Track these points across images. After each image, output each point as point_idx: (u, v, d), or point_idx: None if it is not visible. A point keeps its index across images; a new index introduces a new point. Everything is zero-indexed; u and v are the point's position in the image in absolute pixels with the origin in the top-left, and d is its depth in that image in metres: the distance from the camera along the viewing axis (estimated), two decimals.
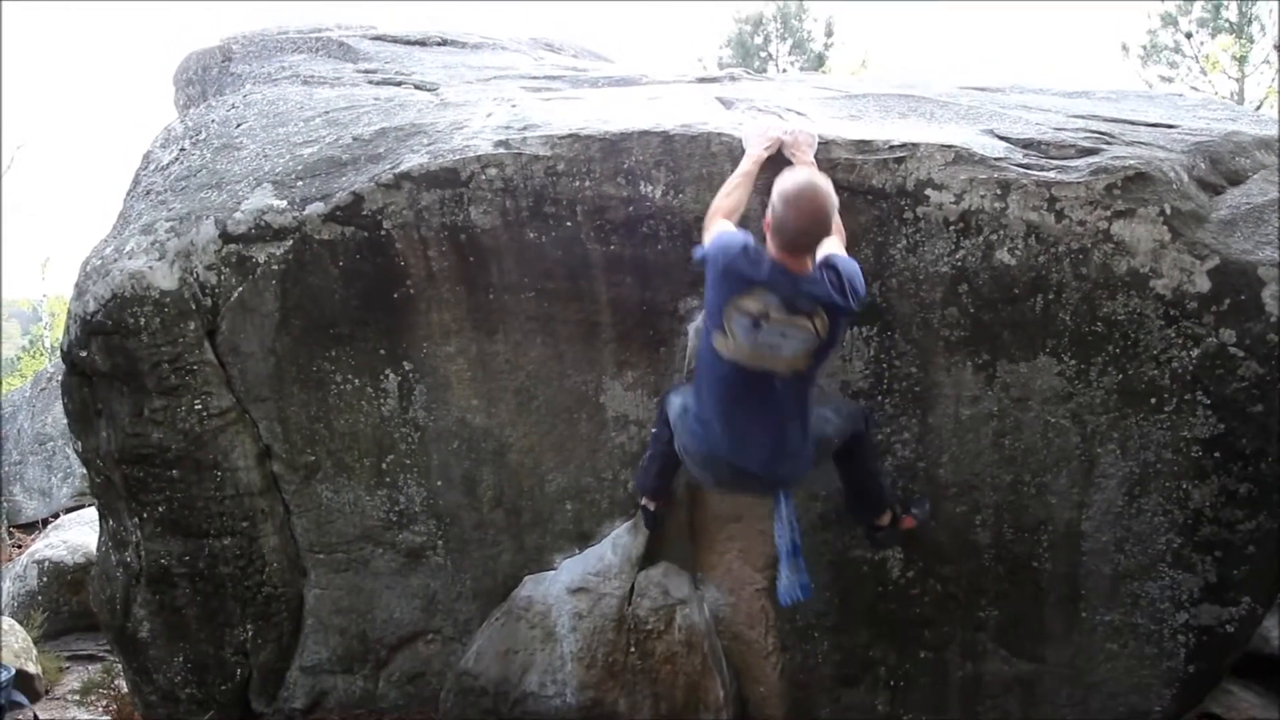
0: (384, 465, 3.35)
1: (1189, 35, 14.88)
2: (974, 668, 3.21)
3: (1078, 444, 2.96)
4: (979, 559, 3.13)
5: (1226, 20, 14.36)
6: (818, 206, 2.41)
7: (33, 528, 8.48)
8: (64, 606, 6.34)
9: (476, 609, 3.47)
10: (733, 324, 2.49)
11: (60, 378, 3.54)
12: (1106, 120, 3.21)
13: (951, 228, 2.86)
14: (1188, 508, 2.93)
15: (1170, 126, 3.17)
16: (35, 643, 5.49)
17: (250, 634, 3.52)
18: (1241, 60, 14.27)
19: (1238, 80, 14.67)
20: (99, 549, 3.78)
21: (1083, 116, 3.26)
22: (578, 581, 3.35)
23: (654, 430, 3.10)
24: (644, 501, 3.22)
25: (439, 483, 3.35)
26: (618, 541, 3.34)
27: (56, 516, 8.04)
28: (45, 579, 6.39)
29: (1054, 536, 3.05)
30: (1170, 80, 15.12)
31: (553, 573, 3.41)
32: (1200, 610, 3.01)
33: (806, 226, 2.41)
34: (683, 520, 3.32)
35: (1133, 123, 3.19)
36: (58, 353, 5.64)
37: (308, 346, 3.23)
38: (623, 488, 3.33)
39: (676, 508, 3.30)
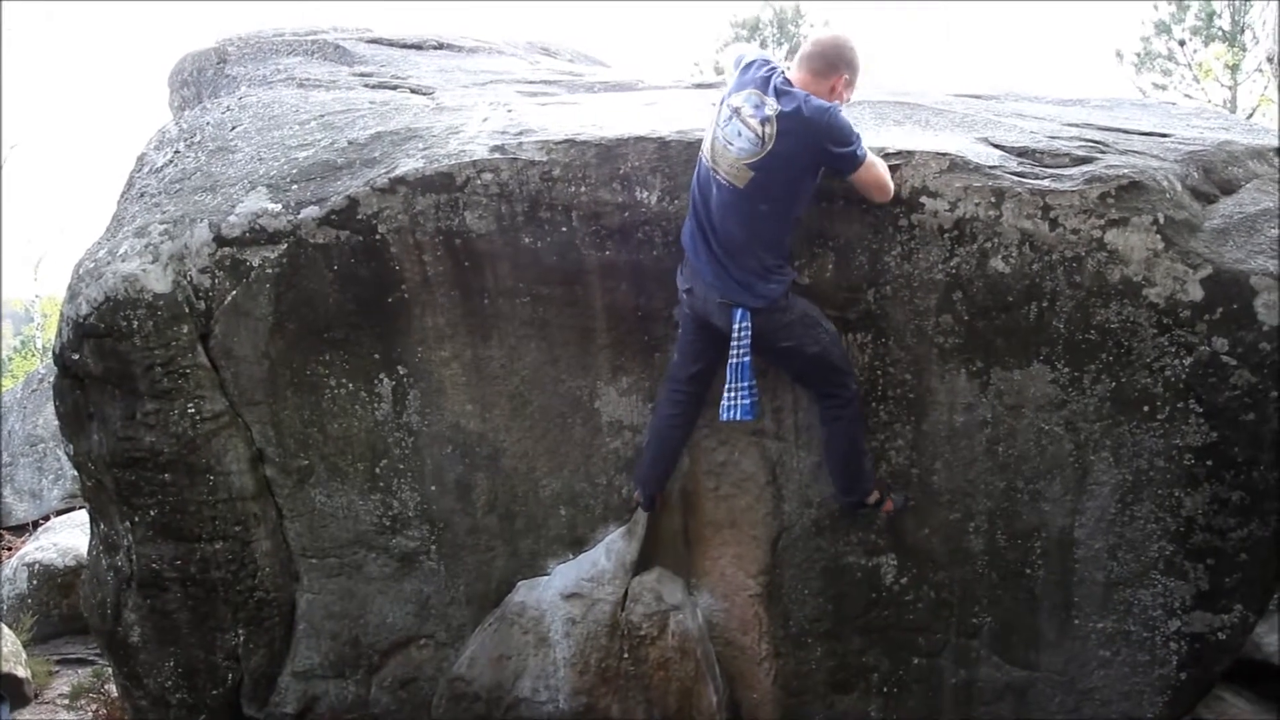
0: (377, 470, 3.34)
1: (1182, 43, 14.95)
2: (967, 674, 3.21)
3: (1071, 451, 2.97)
4: (972, 565, 3.14)
5: (1219, 29, 14.44)
6: (824, 41, 2.86)
7: (23, 530, 8.43)
8: (54, 610, 6.30)
9: (470, 614, 3.46)
10: (719, 115, 2.80)
11: (52, 379, 3.52)
12: (1100, 129, 3.22)
13: (946, 235, 2.87)
14: (1180, 515, 2.94)
15: (1164, 135, 3.18)
16: (25, 646, 5.46)
17: (242, 639, 3.50)
18: (1234, 68, 14.34)
19: (1230, 88, 14.74)
20: (90, 553, 3.76)
21: (1077, 125, 3.27)
22: (571, 587, 3.35)
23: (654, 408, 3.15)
24: (638, 495, 3.24)
25: (432, 487, 3.35)
26: (611, 547, 3.34)
27: (47, 519, 7.99)
28: (35, 582, 6.35)
29: (1047, 543, 3.06)
30: (1164, 88, 15.19)
31: (546, 578, 3.40)
32: (1192, 617, 3.02)
33: (809, 50, 2.83)
34: (677, 526, 3.32)
35: (1126, 131, 3.21)
36: (50, 354, 5.61)
37: (301, 350, 3.22)
38: (617, 493, 3.32)
39: (670, 513, 3.30)
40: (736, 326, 2.78)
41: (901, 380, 3.03)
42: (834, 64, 2.78)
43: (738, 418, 2.83)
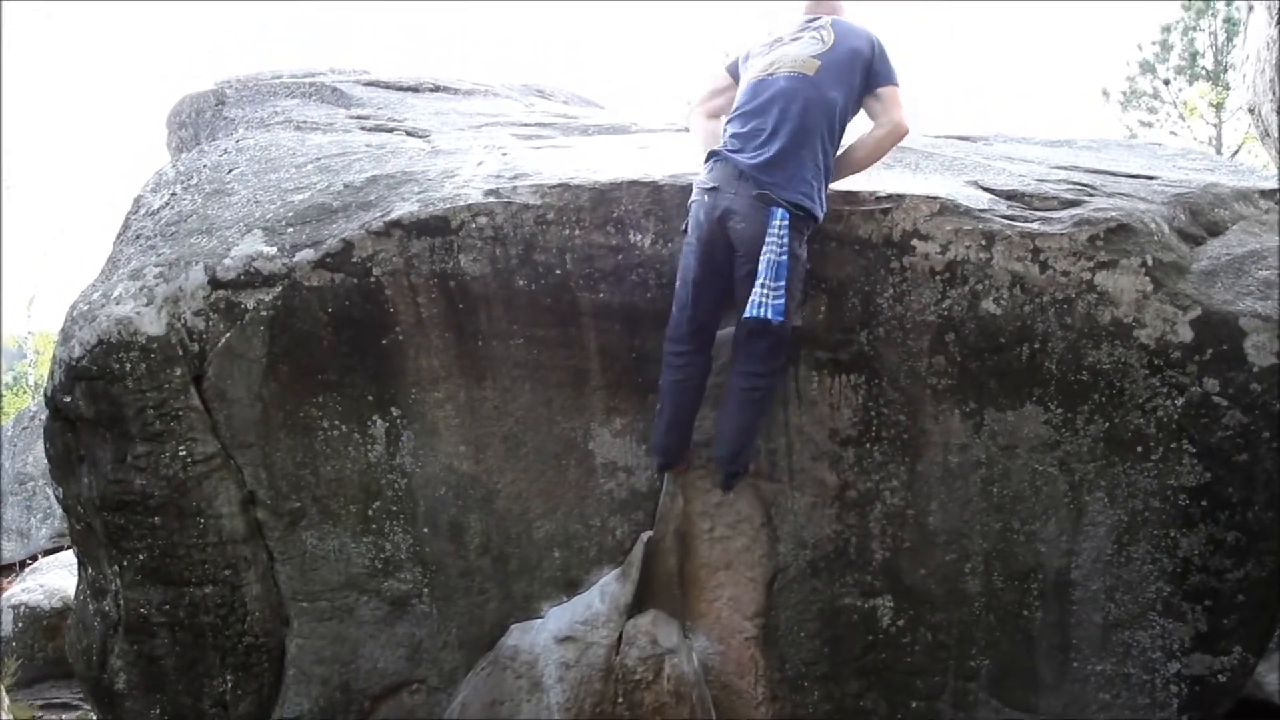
0: (370, 512, 3.31)
1: (1167, 82, 15.23)
2: (966, 717, 3.17)
3: (1066, 492, 2.97)
4: (969, 607, 3.12)
5: (1203, 68, 14.73)
6: None
7: (10, 570, 8.32)
8: (39, 653, 6.20)
9: (462, 658, 3.41)
10: (753, 55, 3.03)
11: (42, 417, 3.50)
12: (1088, 171, 3.27)
13: (938, 277, 2.90)
14: (1176, 556, 2.93)
15: (1150, 178, 3.23)
16: (8, 690, 5.36)
17: (230, 685, 3.44)
18: (1219, 106, 14.60)
19: (1216, 125, 15.00)
20: (77, 597, 3.70)
21: (1065, 167, 3.32)
22: (565, 630, 3.31)
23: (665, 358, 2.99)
24: (655, 462, 3.12)
25: (425, 529, 3.32)
26: (606, 589, 3.31)
27: (35, 558, 7.90)
28: (21, 624, 6.25)
29: (1044, 585, 3.05)
30: (1150, 125, 15.44)
31: (540, 621, 3.36)
32: (1192, 660, 2.99)
33: None
34: (672, 568, 3.29)
35: (1114, 174, 3.26)
36: (41, 391, 5.59)
37: (295, 392, 3.21)
38: (611, 535, 3.30)
39: (665, 554, 3.28)
40: (776, 224, 2.68)
41: (895, 421, 3.03)
42: None
43: (767, 315, 2.65)
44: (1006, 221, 2.90)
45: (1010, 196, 3.02)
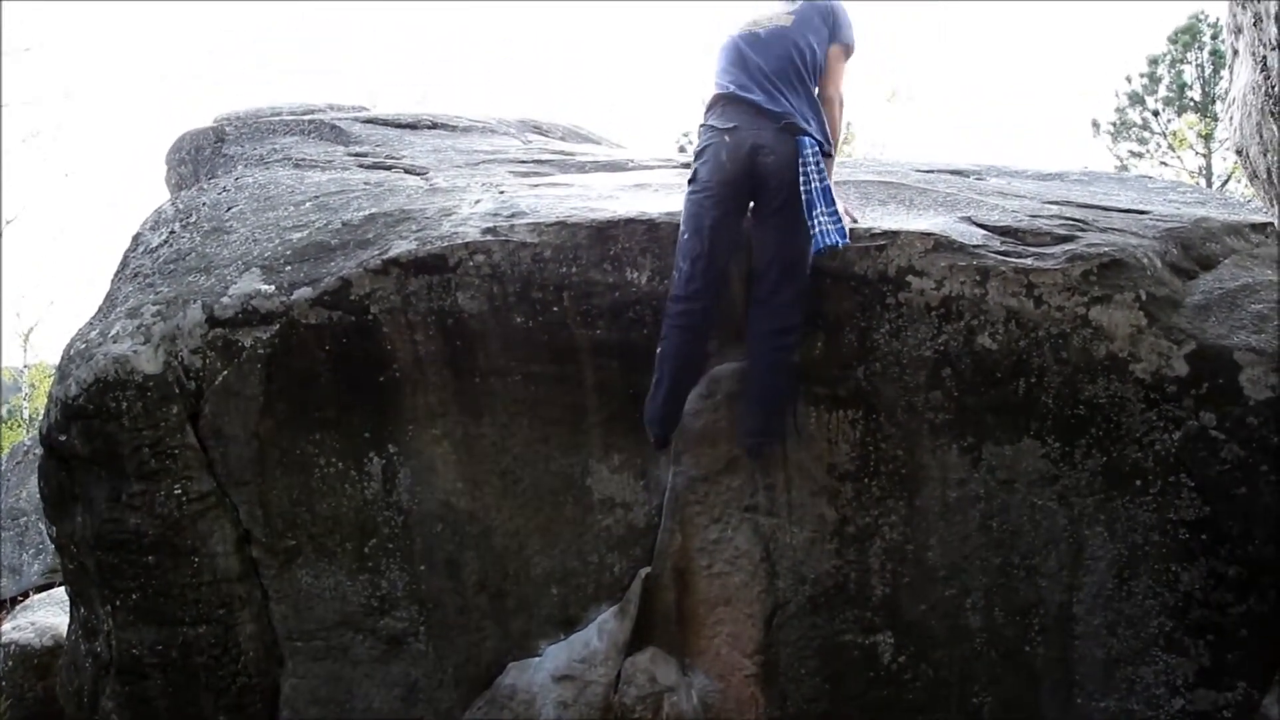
0: (366, 549, 3.29)
1: (1156, 114, 15.45)
2: None
3: (1065, 526, 2.96)
4: (971, 643, 3.09)
5: (1191, 99, 14.94)
6: None
7: (1, 607, 8.23)
8: (29, 692, 6.09)
9: (458, 698, 3.37)
10: (727, 30, 3.10)
11: (37, 451, 3.49)
12: (1080, 206, 3.30)
13: (933, 313, 2.91)
14: (1178, 590, 2.91)
15: (1142, 212, 3.26)
16: None
17: None
18: (1207, 137, 14.79)
19: (1205, 156, 15.18)
20: (69, 637, 3.66)
21: (1057, 202, 3.35)
22: (563, 669, 3.27)
23: (666, 314, 2.96)
24: (654, 434, 3.06)
25: (422, 567, 3.30)
26: (604, 627, 3.28)
27: (26, 595, 7.81)
28: (10, 663, 6.16)
29: (1045, 620, 3.02)
30: (1140, 156, 15.63)
31: (537, 659, 3.33)
32: (1196, 695, 2.96)
33: None
34: (670, 605, 3.27)
35: (1105, 208, 3.29)
36: (36, 426, 5.57)
37: (291, 430, 3.20)
38: (609, 572, 3.28)
39: (663, 591, 3.25)
40: (809, 153, 2.79)
41: (894, 456, 3.03)
42: None
43: (836, 241, 2.73)
44: (1000, 257, 2.92)
45: (1004, 232, 3.05)
